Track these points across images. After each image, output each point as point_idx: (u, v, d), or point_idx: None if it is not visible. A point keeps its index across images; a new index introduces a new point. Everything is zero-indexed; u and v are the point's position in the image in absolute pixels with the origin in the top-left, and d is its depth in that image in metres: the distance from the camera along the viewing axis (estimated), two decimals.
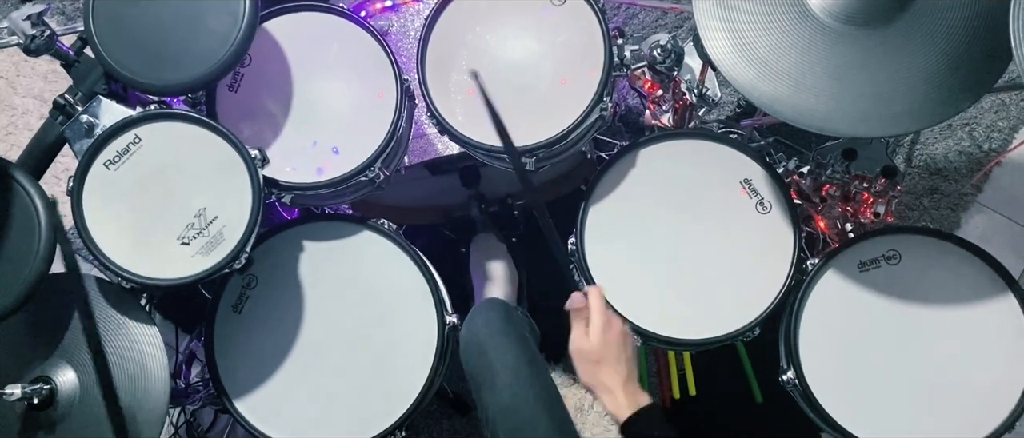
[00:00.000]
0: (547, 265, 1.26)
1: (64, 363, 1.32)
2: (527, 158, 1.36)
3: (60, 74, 1.38)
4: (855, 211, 1.50)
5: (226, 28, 1.29)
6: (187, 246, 1.30)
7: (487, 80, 1.38)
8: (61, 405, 1.31)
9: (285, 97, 1.44)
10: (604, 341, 1.13)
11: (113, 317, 1.35)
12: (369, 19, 1.63)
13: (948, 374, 1.33)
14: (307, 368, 1.45)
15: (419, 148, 1.62)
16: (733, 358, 1.89)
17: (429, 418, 2.02)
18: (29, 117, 2.40)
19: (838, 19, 1.18)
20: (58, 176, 2.00)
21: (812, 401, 1.33)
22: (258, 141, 1.40)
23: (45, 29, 1.32)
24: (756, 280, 1.39)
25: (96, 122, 1.32)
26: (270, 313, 1.47)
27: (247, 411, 1.43)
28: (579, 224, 1.44)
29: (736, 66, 1.19)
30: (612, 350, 1.14)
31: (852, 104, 1.15)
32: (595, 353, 1.13)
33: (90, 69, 1.36)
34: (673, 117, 1.69)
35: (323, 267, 1.49)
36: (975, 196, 2.03)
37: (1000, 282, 1.34)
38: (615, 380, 1.12)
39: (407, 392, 1.40)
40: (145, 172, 1.31)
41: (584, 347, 1.14)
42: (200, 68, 1.29)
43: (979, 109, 2.06)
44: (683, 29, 2.21)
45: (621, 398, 1.11)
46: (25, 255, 1.21)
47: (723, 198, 1.44)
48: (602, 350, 1.13)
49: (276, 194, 1.41)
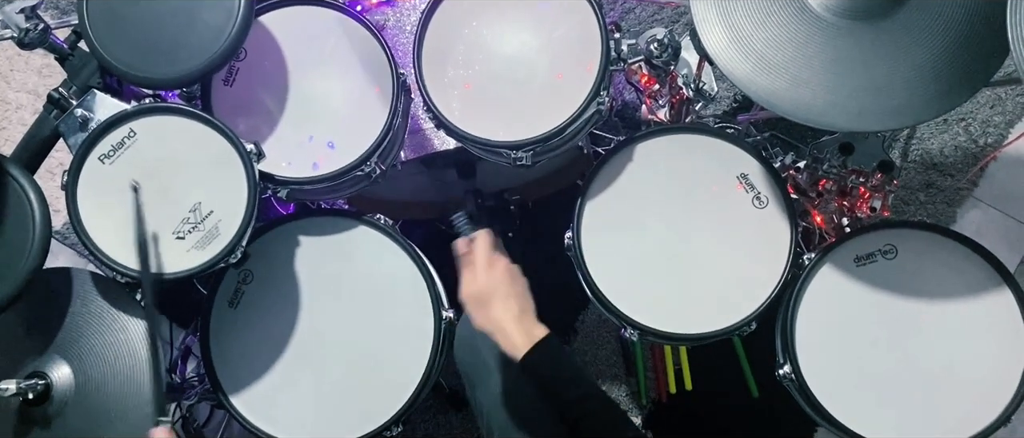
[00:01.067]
0: (543, 259, 1.26)
1: (59, 358, 1.32)
2: (524, 152, 1.36)
3: (54, 68, 1.38)
4: (851, 206, 1.50)
5: (221, 22, 1.28)
6: (182, 240, 1.29)
7: (484, 74, 1.39)
8: (56, 400, 1.30)
9: (281, 91, 1.44)
10: (489, 278, 1.14)
11: (108, 312, 1.35)
12: (365, 13, 1.62)
13: (944, 368, 1.33)
14: (303, 363, 1.45)
15: (415, 142, 1.61)
16: (729, 353, 1.90)
17: (425, 413, 2.02)
18: (23, 112, 2.39)
19: (835, 13, 1.18)
20: (53, 171, 1.99)
21: (808, 396, 1.33)
22: (254, 135, 1.40)
23: (39, 22, 1.31)
24: (752, 275, 1.39)
25: (91, 116, 1.32)
26: (266, 308, 1.47)
27: (243, 406, 1.43)
28: (576, 219, 1.44)
29: (733, 60, 1.19)
30: (500, 287, 1.14)
31: (849, 98, 1.15)
32: (482, 293, 1.14)
33: (84, 63, 1.35)
34: (670, 112, 1.69)
35: (319, 262, 1.48)
36: (971, 191, 2.03)
37: (996, 276, 1.34)
38: (506, 316, 1.12)
39: (404, 387, 1.40)
40: (140, 166, 1.30)
41: (471, 289, 1.15)
42: (195, 62, 1.28)
43: (975, 104, 2.06)
44: (680, 23, 2.21)
45: (515, 335, 1.11)
46: (19, 250, 1.20)
47: (720, 193, 1.44)
48: (488, 288, 1.14)
49: (272, 189, 1.40)
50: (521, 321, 1.12)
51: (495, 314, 1.13)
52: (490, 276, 1.14)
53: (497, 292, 1.14)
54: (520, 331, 1.11)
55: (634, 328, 1.39)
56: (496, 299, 1.13)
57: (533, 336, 1.11)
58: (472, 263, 1.17)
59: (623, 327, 1.40)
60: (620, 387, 2.00)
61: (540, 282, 1.21)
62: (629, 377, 2.01)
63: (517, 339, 1.11)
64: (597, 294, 1.40)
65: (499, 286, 1.14)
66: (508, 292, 1.14)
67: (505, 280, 1.15)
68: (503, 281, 1.15)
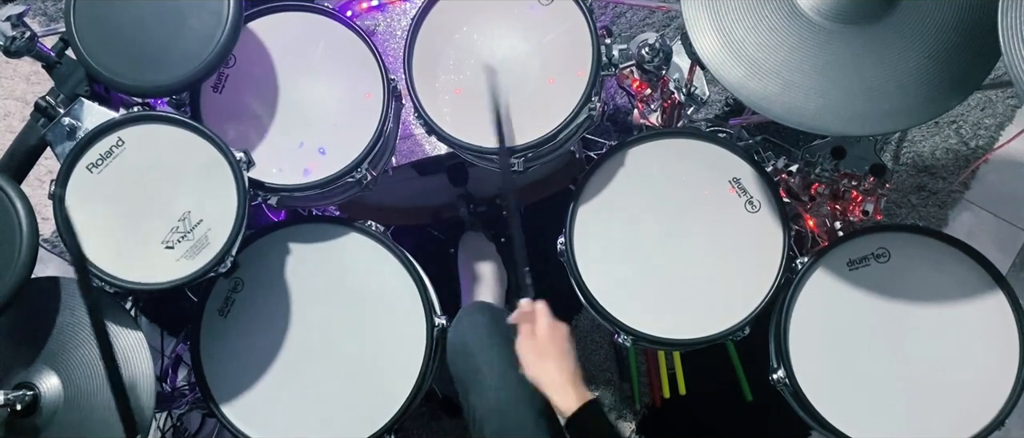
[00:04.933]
0: (536, 265, 1.26)
1: (47, 369, 1.31)
2: (515, 158, 1.35)
3: (44, 75, 1.36)
4: (844, 209, 1.50)
5: (210, 28, 1.27)
6: (172, 250, 1.28)
7: (474, 80, 1.38)
8: (45, 411, 1.29)
9: (271, 98, 1.43)
10: (550, 337, 1.21)
11: None
12: (355, 19, 1.62)
13: (938, 371, 1.33)
14: (295, 371, 1.44)
15: (406, 148, 1.61)
16: (723, 357, 1.89)
17: (419, 420, 2.01)
18: (11, 119, 2.37)
19: (827, 17, 1.18)
20: (41, 178, 1.98)
21: (802, 400, 1.33)
22: (243, 142, 1.39)
23: (25, 30, 1.29)
24: (745, 279, 1.39)
25: (78, 124, 1.31)
26: (257, 316, 1.46)
27: (234, 415, 1.42)
28: (568, 224, 1.44)
29: (725, 65, 1.19)
30: (558, 346, 1.21)
31: (841, 102, 1.15)
32: (541, 348, 1.20)
33: (72, 71, 1.34)
34: (661, 116, 1.69)
35: (310, 270, 1.48)
36: (962, 193, 2.03)
37: (988, 279, 1.34)
38: (562, 376, 1.19)
39: (396, 395, 1.40)
40: (128, 175, 1.29)
41: (531, 343, 1.22)
42: (184, 69, 1.27)
43: (966, 106, 2.07)
44: (671, 28, 2.21)
45: (568, 393, 1.18)
46: (6, 260, 1.19)
47: (712, 197, 1.44)
48: (548, 345, 1.20)
49: (262, 196, 1.39)
50: (574, 382, 1.19)
51: (551, 370, 1.19)
52: (552, 335, 1.21)
53: (557, 350, 1.20)
54: (572, 390, 1.18)
55: (627, 333, 1.38)
56: (553, 357, 1.20)
57: (583, 396, 1.18)
58: (534, 320, 1.23)
59: (616, 332, 1.40)
60: (614, 392, 2.00)
61: (533, 287, 1.23)
62: (623, 382, 2.00)
63: (569, 397, 1.17)
64: (590, 299, 1.40)
65: (559, 345, 1.21)
66: (564, 354, 1.21)
67: (564, 340, 1.22)
68: (562, 340, 1.21)
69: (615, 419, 1.97)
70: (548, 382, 1.20)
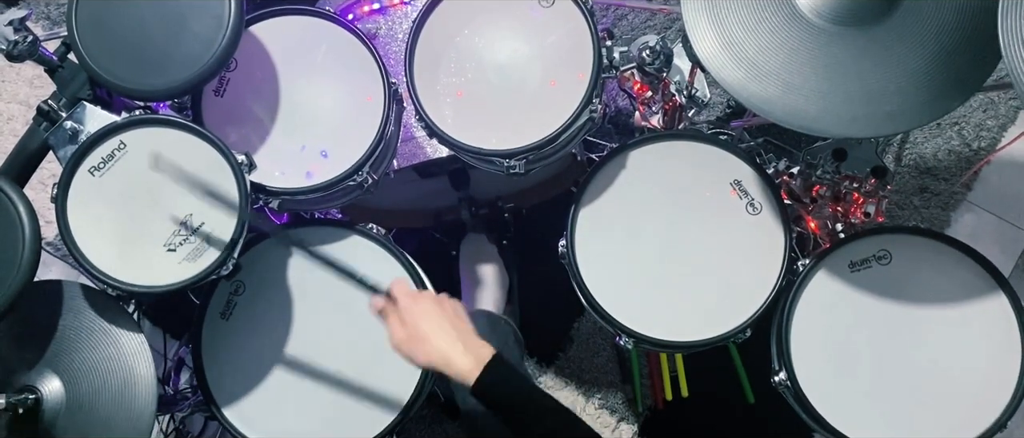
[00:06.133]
0: (537, 267, 1.26)
1: (50, 372, 1.31)
2: (517, 160, 1.35)
3: (45, 80, 1.37)
4: (845, 211, 1.50)
5: (211, 32, 1.27)
6: (174, 253, 1.28)
7: (476, 82, 1.38)
8: (47, 415, 1.29)
9: (272, 101, 1.43)
10: (419, 313, 1.08)
11: (99, 325, 1.34)
12: (356, 22, 1.62)
13: (940, 373, 1.32)
14: (296, 374, 1.44)
15: (408, 151, 1.61)
16: (725, 359, 1.89)
17: (421, 423, 2.01)
18: (14, 123, 2.38)
19: (827, 19, 1.18)
20: (44, 182, 1.99)
21: (804, 402, 1.32)
22: (245, 146, 1.39)
23: (28, 34, 1.30)
24: (747, 281, 1.39)
25: (80, 128, 1.31)
26: (258, 319, 1.46)
27: (236, 418, 1.42)
28: (569, 226, 1.44)
29: (725, 67, 1.19)
30: (430, 318, 1.08)
31: (842, 104, 1.15)
32: (413, 329, 1.08)
33: (74, 75, 1.34)
34: (663, 118, 1.69)
35: (312, 272, 1.47)
36: (965, 195, 2.03)
37: (990, 281, 1.34)
38: (445, 342, 1.06)
39: (398, 397, 1.40)
40: (130, 178, 1.29)
41: (401, 333, 1.09)
42: (185, 73, 1.27)
43: (968, 108, 2.07)
44: (672, 30, 2.21)
45: (461, 360, 1.05)
46: (9, 264, 1.19)
47: (713, 199, 1.44)
48: (420, 323, 1.08)
49: (264, 199, 1.39)
50: (463, 343, 1.06)
51: (433, 344, 1.07)
52: (414, 310, 1.09)
53: (428, 322, 1.08)
54: (465, 354, 1.05)
55: (629, 336, 1.38)
56: (429, 329, 1.07)
57: (481, 357, 1.05)
58: (394, 309, 1.11)
59: (618, 335, 1.40)
60: (616, 394, 2.00)
61: (534, 290, 1.21)
62: (625, 384, 2.00)
63: (464, 363, 1.05)
64: (591, 302, 1.40)
65: (428, 315, 1.09)
66: (440, 317, 1.08)
67: (432, 308, 1.09)
68: (430, 309, 1.09)
69: (618, 421, 1.97)
70: (438, 359, 1.06)
